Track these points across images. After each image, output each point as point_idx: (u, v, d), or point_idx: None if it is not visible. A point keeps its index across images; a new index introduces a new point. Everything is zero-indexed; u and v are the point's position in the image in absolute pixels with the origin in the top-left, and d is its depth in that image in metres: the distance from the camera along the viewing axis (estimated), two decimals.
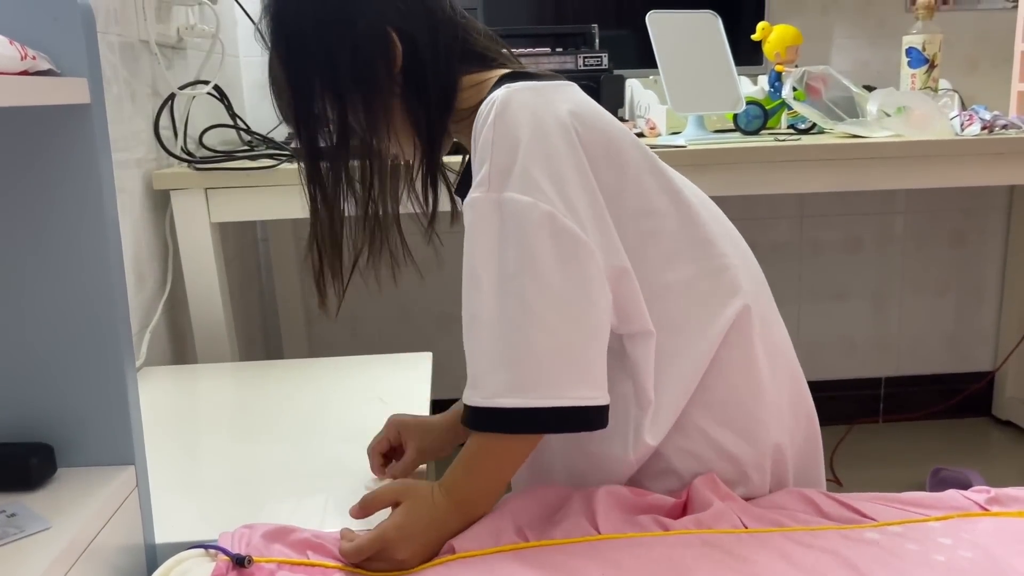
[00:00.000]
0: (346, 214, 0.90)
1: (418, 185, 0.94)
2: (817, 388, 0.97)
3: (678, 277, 0.85)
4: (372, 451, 0.96)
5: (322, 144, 0.88)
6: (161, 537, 0.85)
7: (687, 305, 0.85)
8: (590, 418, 0.77)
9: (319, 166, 0.88)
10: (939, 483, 1.90)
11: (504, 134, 0.78)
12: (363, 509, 0.82)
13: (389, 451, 0.97)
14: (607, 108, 1.79)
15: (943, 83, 1.85)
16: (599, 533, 0.78)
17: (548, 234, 0.75)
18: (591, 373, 0.77)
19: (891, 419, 2.44)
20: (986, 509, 0.84)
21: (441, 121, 0.89)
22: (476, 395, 0.76)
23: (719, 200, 0.96)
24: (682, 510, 0.83)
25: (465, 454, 0.80)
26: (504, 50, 0.92)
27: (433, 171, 0.93)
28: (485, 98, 0.82)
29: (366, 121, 0.86)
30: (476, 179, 0.79)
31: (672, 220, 0.85)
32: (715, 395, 0.85)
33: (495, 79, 0.86)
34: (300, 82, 0.86)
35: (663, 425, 0.83)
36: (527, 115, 0.79)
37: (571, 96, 0.84)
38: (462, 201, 0.88)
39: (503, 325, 0.75)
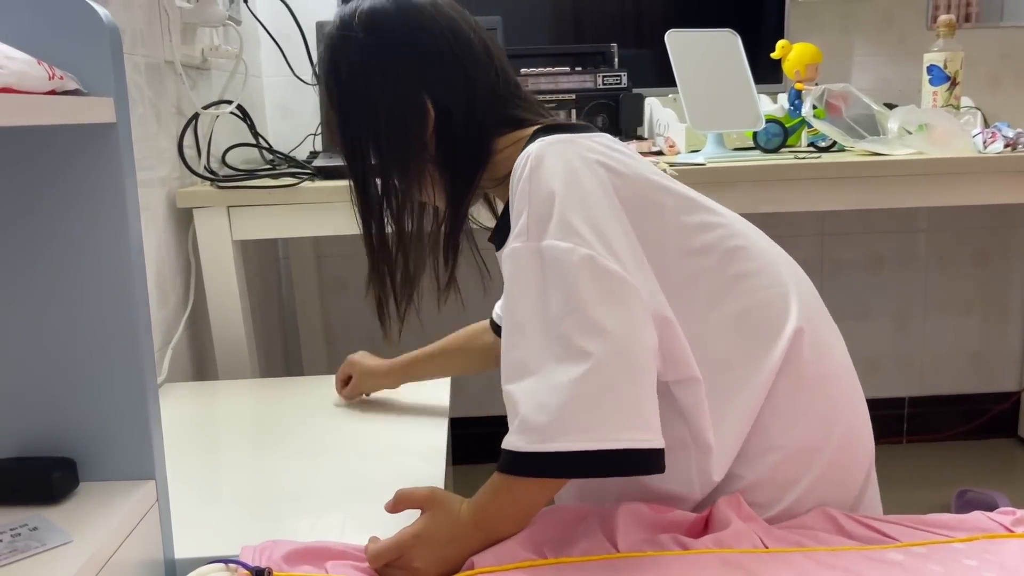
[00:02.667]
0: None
1: (441, 245, 0.95)
2: None
3: (724, 314, 0.84)
4: (336, 378, 1.28)
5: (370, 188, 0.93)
6: (181, 552, 0.86)
7: (738, 341, 0.84)
8: (644, 460, 0.75)
9: (369, 204, 0.93)
10: (964, 505, 1.87)
11: (540, 185, 0.79)
12: (395, 505, 0.83)
13: (347, 379, 1.26)
14: (626, 127, 1.79)
15: (965, 100, 1.84)
16: (618, 551, 0.77)
17: (590, 276, 0.75)
18: (642, 415, 0.75)
19: (915, 440, 2.41)
20: (1012, 531, 0.82)
21: (467, 183, 0.91)
22: (522, 440, 0.74)
23: None
24: (703, 528, 0.82)
25: (499, 481, 0.78)
26: (540, 108, 0.95)
27: (455, 232, 0.94)
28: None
29: (400, 177, 0.91)
30: (514, 230, 0.80)
31: (714, 258, 0.86)
32: (762, 423, 0.85)
33: (530, 135, 0.88)
34: (347, 136, 0.91)
35: (725, 462, 0.83)
36: (561, 165, 0.80)
37: (603, 145, 0.86)
38: (495, 250, 0.91)
39: (550, 370, 0.74)
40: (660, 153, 1.72)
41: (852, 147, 1.63)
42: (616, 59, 1.89)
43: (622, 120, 1.80)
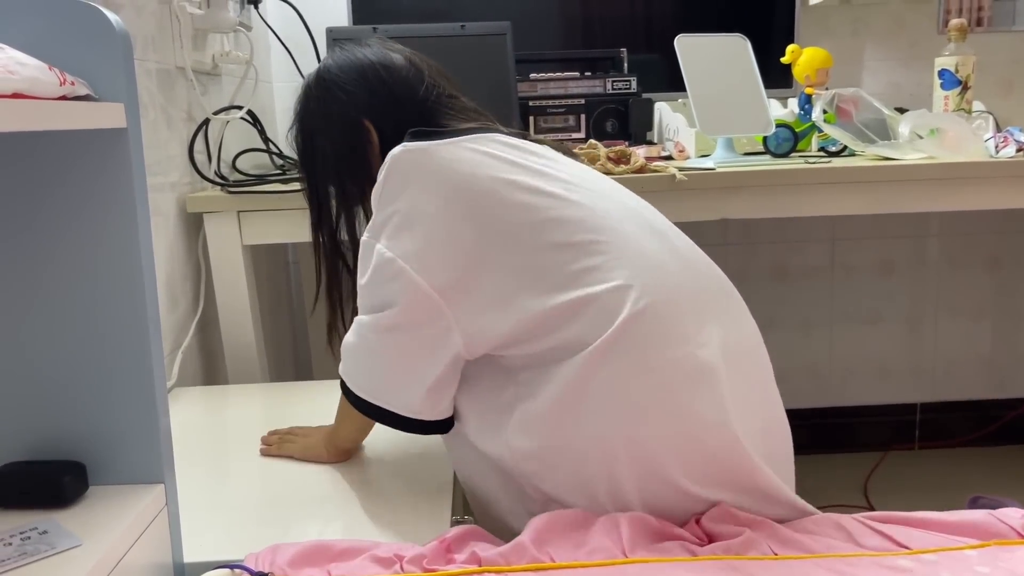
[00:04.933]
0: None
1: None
2: (850, 413, 0.96)
3: (564, 303, 0.88)
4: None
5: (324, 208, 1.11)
6: (189, 556, 0.86)
7: (572, 328, 0.88)
8: (407, 424, 0.96)
9: (322, 221, 1.12)
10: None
11: (386, 189, 0.94)
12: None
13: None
14: (636, 131, 1.79)
15: (977, 105, 1.83)
16: (626, 557, 0.77)
17: (399, 289, 0.91)
18: (404, 398, 0.95)
19: (927, 446, 2.39)
20: None
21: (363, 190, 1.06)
22: (343, 375, 1.00)
23: (751, 223, 0.96)
24: (707, 539, 0.82)
25: (339, 409, 1.08)
26: (471, 114, 1.06)
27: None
28: None
29: (349, 189, 1.09)
30: (369, 224, 0.96)
31: (567, 252, 0.90)
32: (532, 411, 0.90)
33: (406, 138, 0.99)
34: (306, 162, 1.11)
35: (536, 428, 0.89)
36: (405, 173, 0.93)
37: (457, 152, 0.94)
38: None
39: (359, 349, 0.97)
40: (669, 158, 1.72)
41: (863, 152, 1.63)
42: (626, 64, 1.89)
43: (632, 125, 1.80)
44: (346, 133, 1.05)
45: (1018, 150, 1.55)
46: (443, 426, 0.98)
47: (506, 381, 0.93)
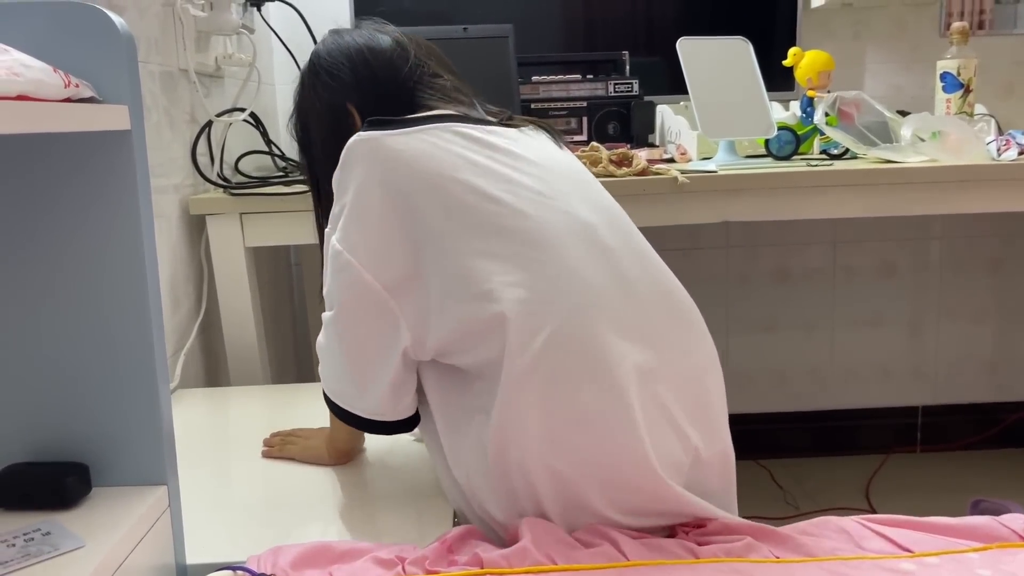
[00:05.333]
0: None
1: None
2: (852, 416, 0.95)
3: (475, 317, 0.86)
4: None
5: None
6: (191, 558, 0.86)
7: (487, 347, 0.86)
8: (373, 426, 0.96)
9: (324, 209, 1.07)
10: (978, 514, 1.86)
11: (339, 179, 0.93)
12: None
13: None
14: (638, 134, 1.79)
15: (979, 108, 1.83)
16: (627, 559, 0.77)
17: (348, 282, 0.90)
18: (365, 400, 0.94)
19: (929, 449, 2.39)
20: None
21: None
22: (320, 377, 0.99)
23: (753, 225, 0.95)
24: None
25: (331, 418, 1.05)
26: (451, 92, 1.04)
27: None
28: None
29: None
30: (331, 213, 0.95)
31: (482, 263, 0.87)
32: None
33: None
34: (304, 151, 1.10)
35: (484, 445, 0.87)
36: (354, 163, 0.91)
37: (409, 142, 0.91)
38: None
39: (325, 349, 0.96)
40: (671, 160, 1.72)
41: (865, 155, 1.63)
42: (628, 67, 1.89)
43: (633, 127, 1.80)
44: (333, 118, 1.04)
45: (1020, 153, 1.55)
46: (408, 424, 0.96)
47: (465, 388, 0.90)
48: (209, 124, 1.57)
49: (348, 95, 1.03)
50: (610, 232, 0.92)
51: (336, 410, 0.97)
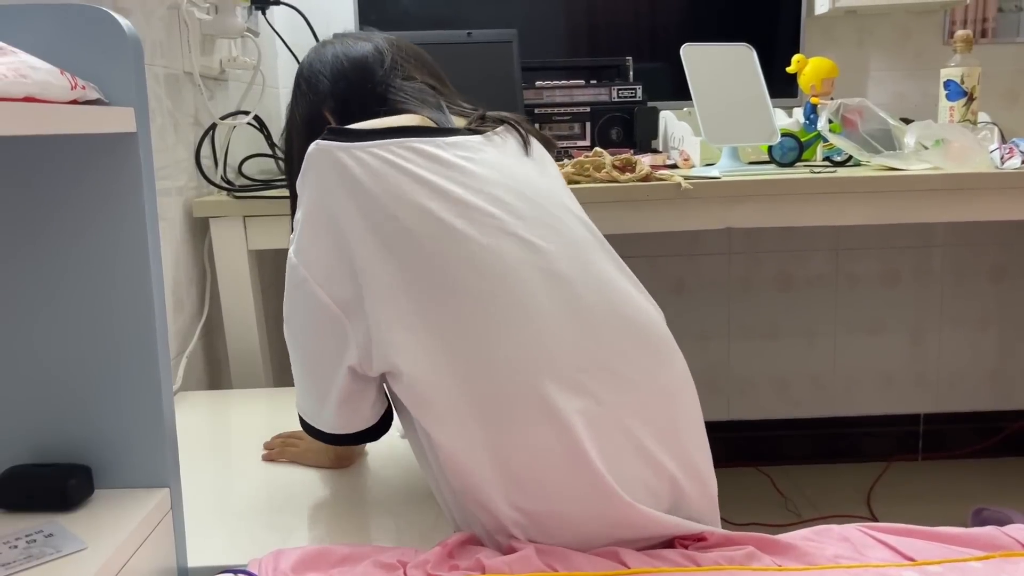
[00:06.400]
0: None
1: None
2: (854, 423, 0.95)
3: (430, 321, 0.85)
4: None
5: None
6: (193, 560, 0.86)
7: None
8: (337, 440, 0.95)
9: None
10: (980, 523, 1.85)
11: (299, 186, 0.91)
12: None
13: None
14: (641, 140, 1.79)
15: (982, 116, 1.83)
16: (627, 567, 0.77)
17: (302, 296, 0.89)
18: (322, 416, 0.93)
19: (930, 457, 2.39)
20: None
21: None
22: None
23: (756, 232, 0.95)
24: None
25: None
26: (425, 95, 1.02)
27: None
28: None
29: None
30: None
31: (421, 295, 0.84)
32: None
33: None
34: (288, 159, 1.10)
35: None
36: (306, 174, 0.89)
37: (362, 158, 0.87)
38: None
39: (293, 365, 0.95)
40: (675, 166, 1.72)
41: (868, 162, 1.63)
42: (631, 72, 1.89)
43: (637, 133, 1.81)
44: (311, 129, 1.02)
45: (1023, 162, 1.55)
46: (373, 433, 0.94)
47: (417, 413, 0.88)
48: (213, 127, 1.58)
49: (325, 102, 1.04)
50: (566, 259, 0.88)
51: (304, 425, 0.97)
